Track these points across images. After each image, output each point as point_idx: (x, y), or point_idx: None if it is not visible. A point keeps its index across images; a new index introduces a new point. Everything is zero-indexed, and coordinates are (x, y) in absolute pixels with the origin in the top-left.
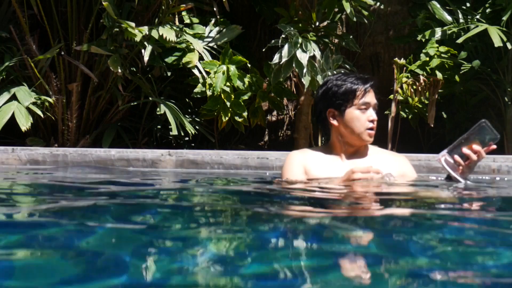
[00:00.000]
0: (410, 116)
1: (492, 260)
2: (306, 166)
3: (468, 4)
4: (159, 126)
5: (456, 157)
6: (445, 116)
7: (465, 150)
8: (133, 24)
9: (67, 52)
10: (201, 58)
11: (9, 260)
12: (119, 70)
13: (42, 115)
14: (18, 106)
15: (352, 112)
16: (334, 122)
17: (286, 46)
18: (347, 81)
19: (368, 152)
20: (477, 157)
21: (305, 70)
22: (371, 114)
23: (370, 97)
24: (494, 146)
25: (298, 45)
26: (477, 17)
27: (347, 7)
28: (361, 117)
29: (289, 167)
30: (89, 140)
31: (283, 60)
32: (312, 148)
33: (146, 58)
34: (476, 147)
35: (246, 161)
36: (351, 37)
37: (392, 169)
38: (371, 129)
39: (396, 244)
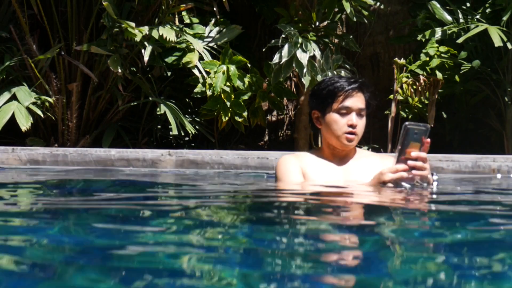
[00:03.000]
0: (410, 116)
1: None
2: (303, 170)
3: (468, 4)
4: (159, 126)
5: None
6: (445, 116)
7: (410, 162)
8: (133, 24)
9: (67, 52)
10: (201, 58)
11: (10, 259)
12: (119, 70)
13: (42, 115)
14: (18, 106)
15: (331, 116)
16: (318, 125)
17: (286, 46)
18: (334, 84)
19: (357, 156)
20: (421, 160)
21: (305, 70)
22: (351, 118)
23: (352, 102)
24: (428, 140)
25: (298, 45)
26: (477, 17)
27: (347, 7)
28: (340, 121)
29: (286, 172)
30: (89, 140)
31: (283, 60)
32: (304, 151)
33: (146, 58)
34: (413, 153)
35: (246, 161)
36: (351, 37)
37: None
38: (350, 133)
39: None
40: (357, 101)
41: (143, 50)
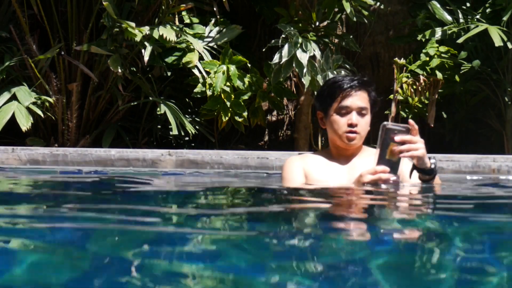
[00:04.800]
0: (410, 116)
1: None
2: (306, 170)
3: (468, 4)
4: (159, 126)
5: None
6: (445, 116)
7: (395, 151)
8: (133, 24)
9: (67, 52)
10: (201, 58)
11: (12, 260)
12: (119, 70)
13: (42, 115)
14: (18, 106)
15: (332, 116)
16: (322, 125)
17: (286, 46)
18: (333, 84)
19: (363, 154)
20: (408, 143)
21: (305, 70)
22: (351, 118)
23: (352, 101)
24: (412, 121)
25: (298, 45)
26: (477, 17)
27: (347, 7)
28: (340, 120)
29: (289, 172)
30: (89, 140)
31: (283, 60)
32: (310, 152)
33: (146, 58)
34: (396, 138)
35: (246, 161)
36: (351, 37)
37: None
38: (350, 132)
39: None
40: (356, 100)
41: (143, 50)
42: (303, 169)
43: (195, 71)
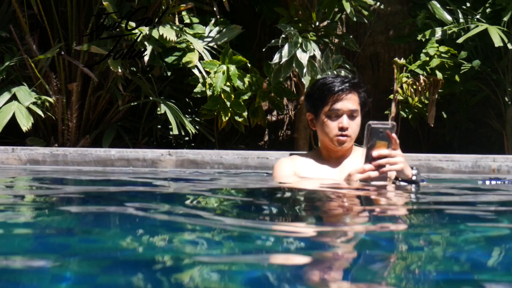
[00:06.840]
0: (410, 116)
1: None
2: (296, 172)
3: (468, 4)
4: (159, 126)
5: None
6: (445, 116)
7: (375, 161)
8: (133, 24)
9: (67, 52)
10: (201, 58)
11: (10, 260)
12: (119, 70)
13: (42, 115)
14: (19, 106)
15: (322, 119)
16: (312, 127)
17: (286, 46)
18: (323, 86)
19: (354, 155)
20: (387, 158)
21: (305, 70)
22: (342, 121)
23: (342, 104)
24: (394, 136)
25: (298, 45)
26: (477, 17)
27: (347, 7)
28: (330, 124)
29: (279, 173)
30: (89, 140)
31: (283, 60)
32: (301, 154)
33: (146, 58)
34: (374, 152)
35: (246, 161)
36: (351, 37)
37: None
38: (341, 136)
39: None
40: (347, 103)
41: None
42: (294, 171)
43: (195, 71)
